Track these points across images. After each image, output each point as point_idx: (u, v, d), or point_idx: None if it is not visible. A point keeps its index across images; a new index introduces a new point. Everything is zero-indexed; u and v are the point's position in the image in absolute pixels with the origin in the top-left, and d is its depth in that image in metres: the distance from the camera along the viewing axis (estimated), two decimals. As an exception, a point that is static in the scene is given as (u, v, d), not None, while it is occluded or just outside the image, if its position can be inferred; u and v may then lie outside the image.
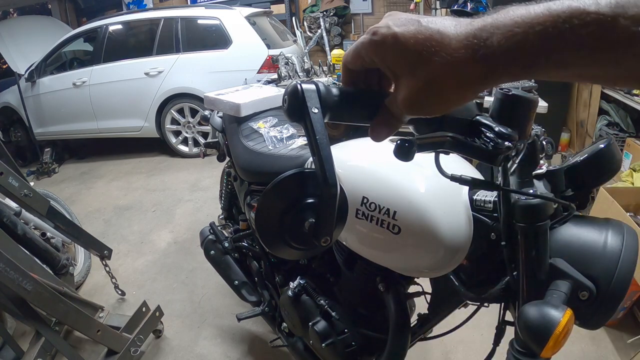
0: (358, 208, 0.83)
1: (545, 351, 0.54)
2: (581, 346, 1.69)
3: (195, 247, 2.52)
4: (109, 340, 1.64)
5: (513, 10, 0.30)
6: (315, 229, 0.38)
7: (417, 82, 0.34)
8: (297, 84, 0.39)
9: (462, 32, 0.32)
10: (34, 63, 4.62)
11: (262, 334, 1.91)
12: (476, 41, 0.31)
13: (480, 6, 3.45)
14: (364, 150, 1.00)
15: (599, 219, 0.66)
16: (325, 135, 0.38)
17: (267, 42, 4.21)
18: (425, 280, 0.95)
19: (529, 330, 0.55)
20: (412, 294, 1.01)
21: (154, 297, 2.15)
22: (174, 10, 4.63)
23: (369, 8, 6.38)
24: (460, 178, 0.56)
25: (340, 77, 0.43)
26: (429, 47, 0.33)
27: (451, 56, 0.32)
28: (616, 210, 1.74)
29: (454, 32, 0.33)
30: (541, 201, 0.61)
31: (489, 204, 0.74)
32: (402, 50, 0.34)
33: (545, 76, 0.31)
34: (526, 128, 0.49)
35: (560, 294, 0.58)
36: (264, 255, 1.44)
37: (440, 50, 0.32)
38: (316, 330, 1.05)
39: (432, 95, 0.35)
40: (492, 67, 0.32)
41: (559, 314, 0.54)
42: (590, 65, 0.29)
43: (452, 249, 0.76)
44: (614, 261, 0.60)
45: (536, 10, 0.29)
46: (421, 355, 1.72)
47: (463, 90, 0.34)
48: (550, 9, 0.29)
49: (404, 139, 0.43)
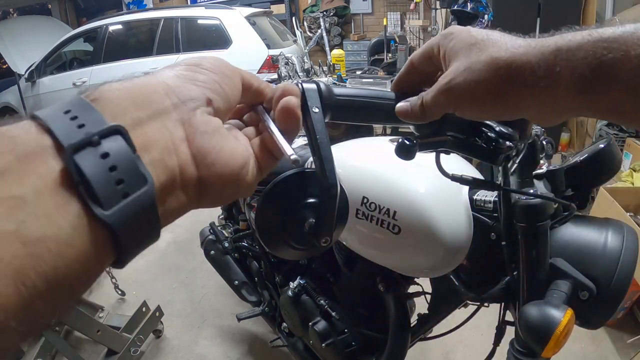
0: (358, 208, 0.83)
1: (546, 351, 0.54)
2: (581, 346, 1.69)
3: (195, 247, 2.51)
4: (109, 340, 1.64)
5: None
6: (315, 229, 0.38)
7: (469, 62, 0.33)
8: (297, 83, 0.39)
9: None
10: (34, 63, 4.62)
11: (262, 334, 1.91)
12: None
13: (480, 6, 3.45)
14: (364, 150, 1.00)
15: (599, 219, 0.66)
16: (325, 135, 0.38)
17: (267, 42, 4.21)
18: (425, 280, 0.95)
19: (530, 330, 0.55)
20: (412, 294, 1.01)
21: (154, 297, 2.15)
22: (174, 10, 4.63)
23: (369, 8, 6.39)
24: (461, 178, 0.56)
25: (398, 75, 0.43)
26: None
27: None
28: (616, 210, 1.73)
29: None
30: (541, 201, 0.61)
31: (489, 204, 0.74)
32: (468, 34, 0.35)
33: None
34: (527, 128, 0.49)
35: (560, 294, 0.58)
36: (264, 255, 1.44)
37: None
38: (316, 330, 1.05)
39: (473, 81, 0.33)
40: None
41: (559, 313, 0.54)
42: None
43: (452, 249, 0.76)
44: (614, 261, 0.60)
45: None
46: (421, 355, 1.72)
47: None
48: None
49: (405, 138, 0.43)
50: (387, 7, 6.09)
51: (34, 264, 0.18)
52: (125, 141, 0.22)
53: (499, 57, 0.31)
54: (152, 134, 0.24)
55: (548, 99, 0.31)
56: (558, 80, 0.29)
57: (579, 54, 0.29)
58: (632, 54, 0.26)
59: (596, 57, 0.28)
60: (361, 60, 5.64)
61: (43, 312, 0.19)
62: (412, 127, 0.43)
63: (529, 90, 0.31)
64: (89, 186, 0.20)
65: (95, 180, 0.20)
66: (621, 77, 0.27)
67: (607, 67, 0.27)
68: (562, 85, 0.29)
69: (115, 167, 0.21)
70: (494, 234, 0.72)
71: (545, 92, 0.30)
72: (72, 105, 0.22)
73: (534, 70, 0.30)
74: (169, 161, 0.24)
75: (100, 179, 0.20)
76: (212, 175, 0.26)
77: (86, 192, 0.20)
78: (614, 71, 0.27)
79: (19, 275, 0.17)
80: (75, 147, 0.20)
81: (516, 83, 0.31)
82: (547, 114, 0.32)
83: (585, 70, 0.28)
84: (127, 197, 0.21)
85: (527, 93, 0.31)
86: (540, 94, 0.31)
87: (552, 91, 0.30)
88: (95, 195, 0.20)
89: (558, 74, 0.29)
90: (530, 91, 0.31)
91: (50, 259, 0.18)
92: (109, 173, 0.20)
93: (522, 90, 0.31)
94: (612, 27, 0.28)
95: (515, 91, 0.31)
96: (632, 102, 0.28)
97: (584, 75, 0.28)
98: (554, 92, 0.30)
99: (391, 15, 5.91)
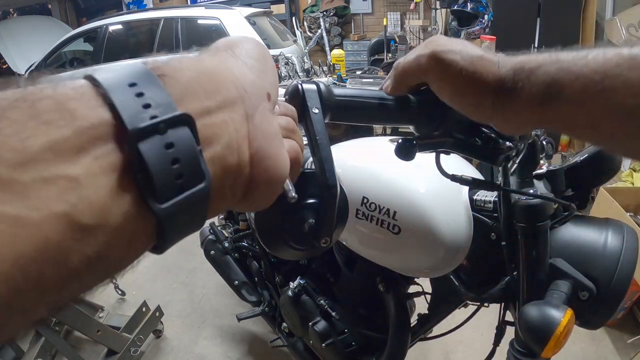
0: (358, 208, 0.83)
1: (546, 351, 0.54)
2: (581, 346, 1.69)
3: (195, 247, 2.51)
4: (109, 340, 1.64)
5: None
6: (315, 229, 0.38)
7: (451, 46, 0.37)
8: (297, 83, 0.39)
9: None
10: (34, 63, 4.62)
11: (262, 334, 1.91)
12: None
13: (480, 6, 3.45)
14: (364, 150, 1.00)
15: (599, 219, 0.66)
16: (325, 135, 0.38)
17: (267, 42, 4.21)
18: (425, 280, 0.95)
19: (530, 330, 0.55)
20: (412, 294, 1.01)
21: (154, 297, 2.15)
22: (174, 10, 4.64)
23: (369, 8, 6.39)
24: (461, 178, 0.56)
25: (390, 83, 0.44)
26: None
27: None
28: (616, 210, 1.73)
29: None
30: (541, 201, 0.61)
31: (489, 204, 0.74)
32: (449, 39, 0.38)
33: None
34: None
35: (560, 294, 0.58)
36: (264, 255, 1.44)
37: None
38: (316, 330, 1.05)
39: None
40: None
41: (559, 314, 0.54)
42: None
43: (452, 249, 0.76)
44: (614, 261, 0.60)
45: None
46: (421, 355, 1.72)
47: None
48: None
49: (405, 138, 0.43)
50: (387, 7, 6.09)
51: (78, 249, 0.17)
52: (192, 133, 0.20)
53: (486, 69, 0.35)
54: (218, 126, 0.22)
55: (510, 111, 0.35)
56: (519, 94, 0.33)
57: (538, 72, 0.33)
58: (579, 74, 0.30)
59: (551, 76, 0.32)
60: (361, 60, 5.65)
61: (77, 291, 0.18)
62: (412, 127, 0.44)
63: (491, 97, 0.35)
64: (149, 177, 0.18)
65: (156, 172, 0.19)
66: (569, 94, 0.31)
67: (558, 85, 0.31)
68: (523, 98, 0.33)
69: (178, 159, 0.19)
70: (494, 234, 0.72)
71: (508, 104, 0.34)
72: (138, 77, 0.20)
73: (505, 84, 0.34)
74: (229, 158, 0.23)
75: (161, 171, 0.19)
76: (263, 181, 0.25)
77: (144, 183, 0.18)
78: (564, 89, 0.31)
79: (63, 258, 0.16)
80: (140, 132, 0.18)
81: (489, 89, 0.35)
82: (511, 123, 0.36)
83: (541, 86, 0.32)
84: (182, 192, 0.20)
85: (490, 99, 0.35)
86: (503, 105, 0.35)
87: (513, 103, 0.34)
88: (153, 188, 0.19)
89: (520, 89, 0.33)
90: (493, 99, 0.35)
91: (95, 244, 0.17)
92: (171, 166, 0.19)
93: (490, 95, 0.35)
94: (571, 51, 0.32)
95: (486, 95, 0.35)
96: (578, 117, 0.31)
97: (540, 91, 0.32)
98: (515, 104, 0.34)
99: (391, 15, 5.91)
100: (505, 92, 0.34)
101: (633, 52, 0.29)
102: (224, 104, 0.23)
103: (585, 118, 0.31)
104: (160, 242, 0.21)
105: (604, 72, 0.30)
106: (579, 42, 3.43)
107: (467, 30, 3.52)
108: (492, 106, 0.35)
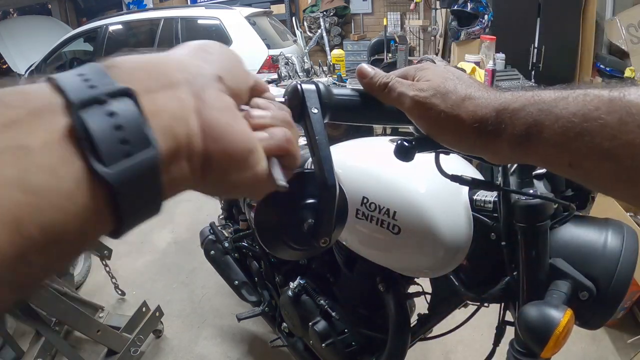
0: (358, 208, 0.83)
1: (545, 351, 0.54)
2: (581, 346, 1.69)
3: (195, 247, 2.51)
4: (109, 340, 1.64)
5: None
6: (314, 229, 0.38)
7: (445, 91, 0.38)
8: (297, 84, 0.39)
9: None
10: (34, 63, 4.62)
11: (262, 334, 1.91)
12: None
13: (480, 6, 3.45)
14: (364, 150, 1.00)
15: (599, 219, 0.66)
16: (325, 135, 0.38)
17: (267, 42, 4.21)
18: (425, 280, 0.95)
19: (530, 330, 0.55)
20: (412, 294, 1.01)
21: (154, 297, 2.15)
22: (174, 10, 4.64)
23: (369, 8, 6.39)
24: (461, 178, 0.56)
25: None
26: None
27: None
28: (616, 210, 1.73)
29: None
30: (541, 201, 0.61)
31: (489, 204, 0.74)
32: (444, 68, 0.41)
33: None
34: None
35: (560, 294, 0.58)
36: (264, 255, 1.44)
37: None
38: (316, 330, 1.05)
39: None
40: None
41: (559, 314, 0.54)
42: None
43: (452, 249, 0.76)
44: (614, 261, 0.60)
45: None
46: (421, 355, 1.72)
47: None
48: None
49: (404, 139, 0.43)
50: (387, 7, 6.09)
51: (32, 214, 0.17)
52: (135, 104, 0.22)
53: (468, 110, 0.37)
54: (162, 101, 0.24)
55: (492, 148, 0.37)
56: (501, 134, 0.35)
57: (520, 113, 0.34)
58: (559, 116, 0.32)
59: (533, 117, 0.33)
60: (361, 60, 5.65)
61: (36, 267, 0.19)
62: (411, 127, 0.43)
63: (473, 136, 0.37)
64: (91, 141, 0.20)
65: (98, 136, 0.20)
66: (548, 136, 0.33)
67: (538, 127, 0.33)
68: (504, 138, 0.35)
69: (121, 126, 0.21)
70: (494, 234, 0.72)
71: (492, 142, 0.36)
72: (87, 69, 0.22)
73: (487, 124, 0.36)
74: (177, 128, 0.24)
75: (104, 135, 0.20)
76: (218, 151, 0.26)
77: (89, 147, 0.20)
78: (543, 131, 0.33)
79: (16, 224, 0.17)
80: (82, 103, 0.20)
81: (470, 128, 0.37)
82: (494, 157, 0.39)
83: (522, 127, 0.34)
84: (129, 157, 0.21)
85: (472, 138, 0.37)
86: (487, 143, 0.37)
87: (496, 141, 0.36)
88: (97, 151, 0.20)
89: (503, 130, 0.35)
90: (475, 138, 0.37)
91: (49, 210, 0.18)
92: (114, 131, 0.20)
93: (472, 134, 0.37)
94: (553, 91, 0.34)
95: (468, 134, 0.38)
96: (556, 156, 0.33)
97: (521, 132, 0.34)
98: (497, 142, 0.36)
99: (391, 15, 5.91)
100: (488, 132, 0.36)
101: (612, 94, 0.30)
102: (168, 85, 0.25)
103: (563, 157, 0.33)
104: (118, 220, 0.21)
105: (583, 115, 0.31)
106: (579, 42, 3.44)
107: (467, 30, 3.51)
108: (475, 143, 0.38)
